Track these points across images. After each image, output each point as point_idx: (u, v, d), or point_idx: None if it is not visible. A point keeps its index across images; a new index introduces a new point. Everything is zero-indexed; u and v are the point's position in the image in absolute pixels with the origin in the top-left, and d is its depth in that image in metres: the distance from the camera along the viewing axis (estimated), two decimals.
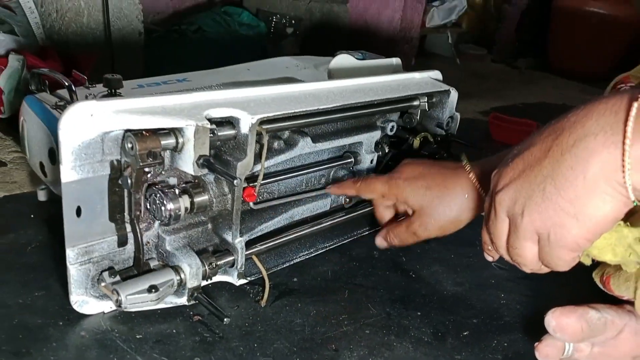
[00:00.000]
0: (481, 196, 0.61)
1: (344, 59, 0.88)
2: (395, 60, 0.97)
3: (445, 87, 0.83)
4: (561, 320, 0.52)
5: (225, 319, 0.57)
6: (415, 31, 2.16)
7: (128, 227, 0.58)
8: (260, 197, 0.70)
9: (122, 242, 0.58)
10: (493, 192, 0.48)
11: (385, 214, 0.73)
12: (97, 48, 1.26)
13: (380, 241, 0.73)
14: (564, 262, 0.44)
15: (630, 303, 0.55)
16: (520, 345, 0.64)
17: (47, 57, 1.17)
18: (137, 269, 0.59)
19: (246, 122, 0.56)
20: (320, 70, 0.93)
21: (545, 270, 0.47)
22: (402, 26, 2.08)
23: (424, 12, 2.49)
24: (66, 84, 0.69)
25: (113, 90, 0.68)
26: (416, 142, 0.80)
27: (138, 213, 0.57)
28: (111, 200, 0.55)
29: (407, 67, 0.97)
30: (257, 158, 0.62)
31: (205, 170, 0.54)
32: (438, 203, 0.64)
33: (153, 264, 0.60)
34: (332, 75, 0.88)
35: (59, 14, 1.24)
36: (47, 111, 0.67)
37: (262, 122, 0.60)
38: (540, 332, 0.58)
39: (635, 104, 0.38)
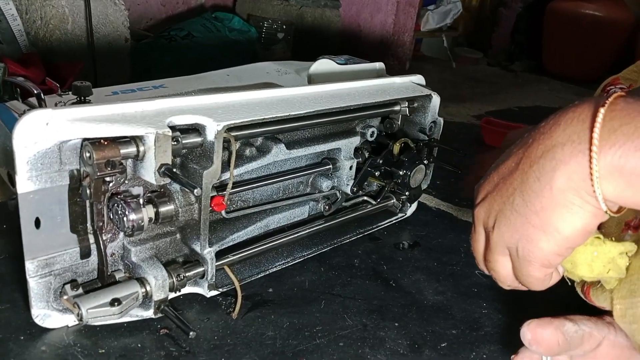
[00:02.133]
0: None
1: (324, 64, 0.87)
2: (379, 65, 0.95)
3: (426, 91, 0.82)
4: (537, 333, 0.51)
5: (190, 333, 0.55)
6: (409, 35, 2.15)
7: (91, 239, 0.56)
8: (234, 206, 0.69)
9: (85, 254, 0.56)
10: (473, 206, 0.47)
11: None
12: (82, 55, 1.25)
13: None
14: (535, 280, 0.42)
15: (611, 314, 0.53)
16: (500, 357, 0.62)
17: (31, 64, 1.16)
18: (101, 281, 0.57)
19: (212, 129, 0.55)
20: (302, 75, 0.92)
21: (522, 287, 0.45)
22: (394, 30, 2.07)
23: (418, 15, 2.48)
24: (35, 92, 0.67)
25: (82, 98, 0.66)
26: (396, 148, 0.79)
27: (101, 224, 0.55)
28: (72, 210, 0.54)
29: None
30: (228, 166, 0.61)
31: (168, 180, 0.52)
32: None
33: (119, 275, 0.59)
34: (312, 80, 0.86)
35: (43, 20, 1.23)
36: (14, 120, 0.66)
37: (231, 128, 0.58)
38: (520, 343, 0.56)
39: (602, 110, 0.36)
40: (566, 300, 0.62)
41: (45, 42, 1.24)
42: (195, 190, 0.49)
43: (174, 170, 0.52)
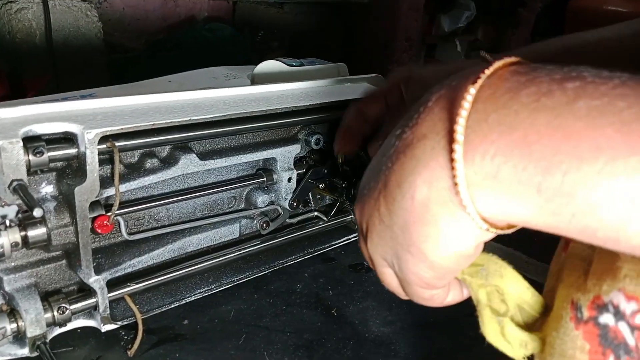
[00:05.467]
0: None
1: (270, 65, 0.79)
2: (341, 66, 0.86)
3: None
4: None
5: None
6: (414, 40, 2.05)
7: None
8: (144, 226, 0.61)
9: None
10: None
11: None
12: (50, 69, 1.20)
13: None
14: (422, 300, 0.33)
15: None
16: None
17: None
18: None
19: (83, 138, 0.47)
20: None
21: None
22: (398, 35, 1.97)
23: (431, 20, 2.38)
24: None
25: None
26: (340, 157, 0.69)
27: None
28: None
29: None
30: (127, 179, 0.53)
31: (18, 198, 0.44)
32: None
33: None
34: (255, 83, 0.78)
35: (10, 35, 1.19)
36: None
37: (119, 136, 0.51)
38: None
39: (471, 90, 0.26)
40: None
41: (15, 56, 1.21)
42: (35, 211, 0.42)
43: (25, 186, 0.44)
